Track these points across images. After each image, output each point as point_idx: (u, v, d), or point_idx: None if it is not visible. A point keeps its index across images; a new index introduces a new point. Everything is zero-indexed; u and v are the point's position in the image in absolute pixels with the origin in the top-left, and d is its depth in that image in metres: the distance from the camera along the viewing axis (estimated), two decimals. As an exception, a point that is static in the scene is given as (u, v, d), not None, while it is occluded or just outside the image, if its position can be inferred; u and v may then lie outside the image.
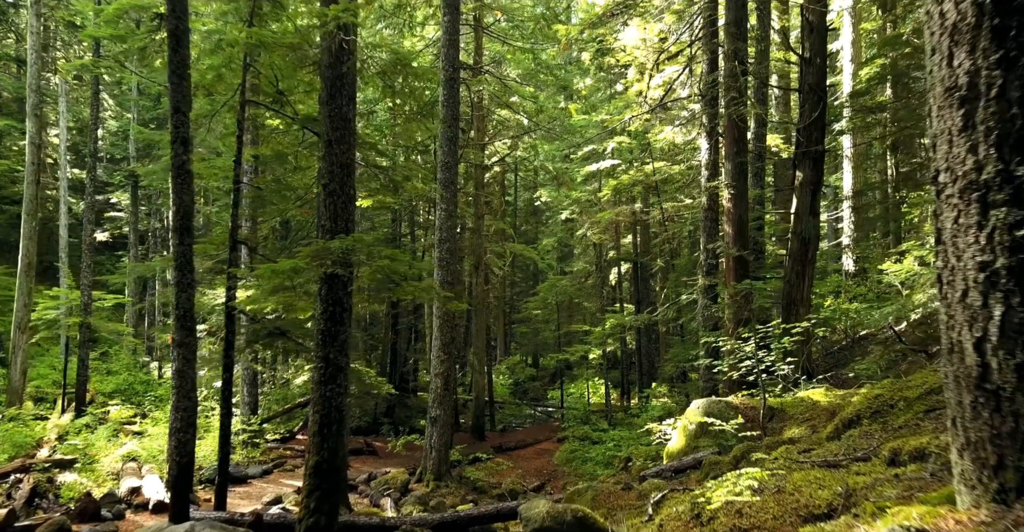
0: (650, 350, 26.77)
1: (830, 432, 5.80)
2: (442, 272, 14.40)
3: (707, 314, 12.79)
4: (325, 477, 6.60)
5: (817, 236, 12.30)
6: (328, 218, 6.91)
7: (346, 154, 7.07)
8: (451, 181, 14.51)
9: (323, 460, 6.62)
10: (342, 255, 6.47)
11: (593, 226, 24.85)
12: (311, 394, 6.83)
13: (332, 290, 6.82)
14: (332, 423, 6.72)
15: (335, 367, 6.83)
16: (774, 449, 6.63)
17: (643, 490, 7.20)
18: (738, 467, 6.80)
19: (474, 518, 8.15)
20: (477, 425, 21.39)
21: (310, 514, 6.47)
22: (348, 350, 6.95)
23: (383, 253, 6.66)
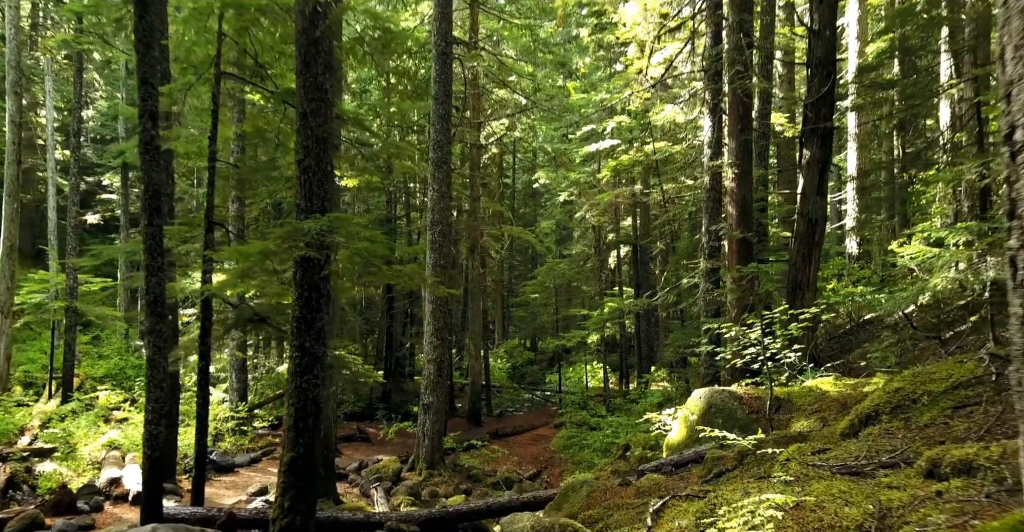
0: (649, 334, 26.36)
1: (845, 428, 5.34)
2: (435, 255, 13.92)
3: (709, 299, 12.32)
4: (301, 474, 6.16)
5: (824, 217, 11.79)
6: (303, 197, 6.40)
7: (322, 127, 6.55)
8: (443, 161, 13.97)
9: (298, 456, 6.17)
10: (317, 236, 5.98)
11: (592, 208, 24.31)
12: (286, 385, 6.37)
13: (308, 274, 6.34)
14: (308, 416, 6.27)
15: (311, 357, 6.36)
16: (783, 445, 6.19)
17: (641, 487, 6.76)
18: (743, 463, 6.36)
19: (463, 514, 7.74)
20: (473, 410, 21.02)
21: (284, 514, 6.04)
22: (326, 338, 6.49)
23: (362, 234, 6.17)
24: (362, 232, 6.24)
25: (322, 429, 6.41)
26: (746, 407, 7.90)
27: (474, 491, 13.53)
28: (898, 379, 5.39)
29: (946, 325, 10.08)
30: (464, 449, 16.21)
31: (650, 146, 20.25)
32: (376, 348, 28.55)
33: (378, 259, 6.19)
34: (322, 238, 6.01)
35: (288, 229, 5.90)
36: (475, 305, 21.82)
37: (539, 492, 7.89)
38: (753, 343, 8.21)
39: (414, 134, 26.52)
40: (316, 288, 6.41)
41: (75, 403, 16.85)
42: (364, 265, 6.37)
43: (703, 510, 3.70)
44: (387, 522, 7.64)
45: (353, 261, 6.29)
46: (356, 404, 23.53)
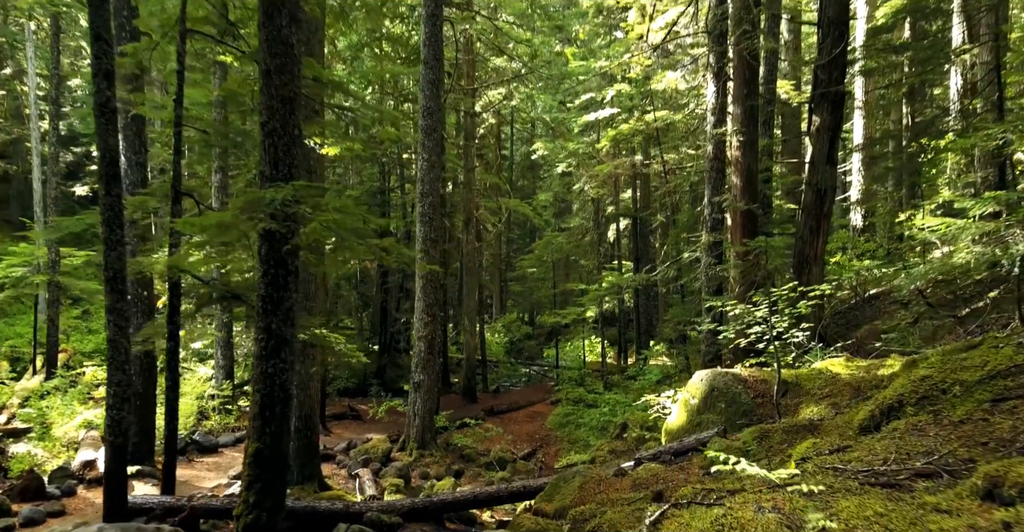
0: (648, 308, 25.87)
1: (863, 420, 4.81)
2: (425, 228, 13.34)
3: (711, 274, 11.75)
4: (268, 466, 5.66)
5: (834, 188, 11.18)
6: (268, 163, 5.79)
7: (288, 86, 5.91)
8: (433, 128, 13.31)
9: (265, 447, 5.65)
10: (280, 207, 5.39)
11: (591, 180, 23.64)
12: (252, 370, 5.84)
13: (273, 249, 5.76)
14: (275, 404, 5.74)
15: (278, 339, 5.81)
16: (793, 435, 5.68)
17: (638, 478, 6.27)
18: (748, 453, 5.86)
19: (448, 504, 7.27)
20: (468, 387, 20.61)
21: (250, 509, 5.55)
22: (294, 319, 5.93)
23: (332, 205, 5.58)
24: (332, 202, 5.64)
25: (292, 418, 5.90)
26: (751, 391, 7.39)
27: (466, 472, 13.13)
28: (924, 365, 4.85)
29: (962, 302, 9.55)
30: (457, 427, 15.80)
31: (651, 115, 19.52)
32: (372, 323, 28.12)
33: (349, 232, 5.61)
34: (286, 209, 5.42)
35: (247, 199, 5.31)
36: (470, 280, 21.28)
37: (529, 481, 7.41)
38: (758, 321, 7.69)
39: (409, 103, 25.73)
40: (283, 264, 5.84)
41: (58, 380, 16.40)
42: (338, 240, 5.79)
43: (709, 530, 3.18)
44: (368, 512, 7.17)
45: (325, 235, 5.70)
46: (349, 380, 23.15)
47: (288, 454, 5.89)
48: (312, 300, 10.39)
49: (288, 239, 5.43)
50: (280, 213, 5.41)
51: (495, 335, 31.92)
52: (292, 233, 5.37)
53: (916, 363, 6.35)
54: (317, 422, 10.59)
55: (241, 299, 8.10)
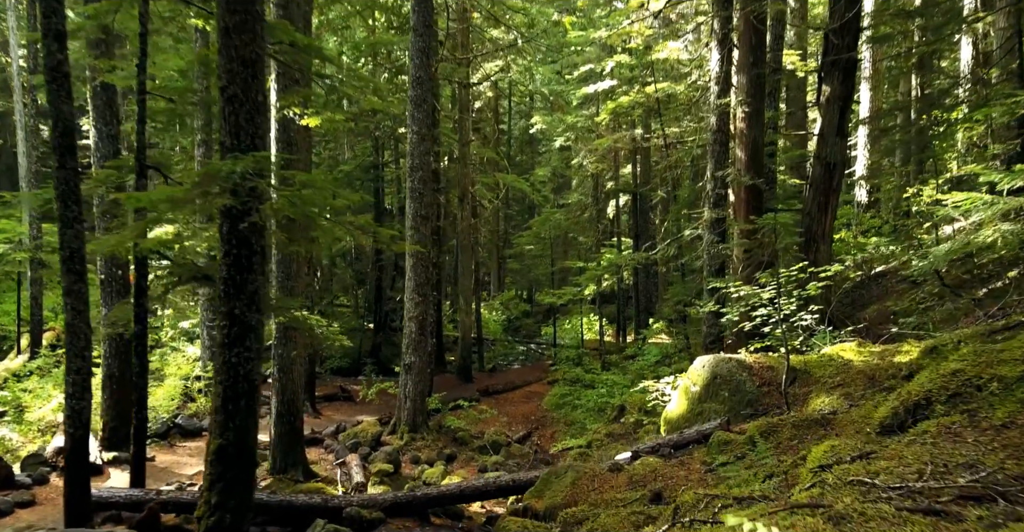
0: (648, 285, 25.39)
1: (886, 417, 4.32)
2: (415, 204, 12.78)
3: (713, 252, 11.23)
4: (231, 464, 5.19)
5: (843, 161, 10.63)
6: (229, 133, 5.24)
7: (249, 46, 5.33)
8: (423, 99, 12.68)
9: (228, 443, 5.18)
10: (239, 182, 4.86)
11: (590, 154, 23.00)
12: (214, 360, 5.36)
13: (235, 228, 5.23)
14: (240, 396, 5.26)
15: (243, 326, 5.31)
16: (805, 431, 5.20)
17: (635, 474, 5.82)
18: (755, 450, 5.39)
19: (433, 499, 6.84)
20: (464, 366, 20.19)
21: (212, 511, 5.09)
22: (262, 303, 5.42)
23: (298, 178, 5.04)
24: (297, 175, 5.10)
25: (257, 411, 5.41)
26: (756, 378, 6.91)
27: (459, 455, 12.74)
28: (954, 357, 4.35)
29: (980, 281, 9.04)
30: (451, 409, 15.38)
31: (651, 87, 18.83)
32: (368, 300, 27.66)
33: (316, 209, 5.08)
34: (246, 183, 4.88)
35: (203, 172, 4.77)
36: (465, 257, 20.75)
37: (519, 475, 6.97)
38: (764, 303, 7.19)
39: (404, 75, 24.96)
40: (246, 244, 5.31)
41: (41, 360, 15.98)
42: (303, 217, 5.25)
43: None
44: (347, 507, 6.74)
45: (292, 212, 5.17)
46: (342, 360, 22.74)
47: (255, 450, 5.42)
48: (294, 280, 9.88)
49: (247, 216, 4.90)
50: (237, 188, 4.87)
51: (493, 313, 31.48)
52: (250, 210, 4.84)
53: (937, 350, 5.86)
54: (301, 407, 10.16)
55: (211, 280, 7.58)
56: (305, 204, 5.00)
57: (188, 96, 7.36)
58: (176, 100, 7.46)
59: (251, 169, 4.91)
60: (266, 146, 5.39)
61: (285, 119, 9.58)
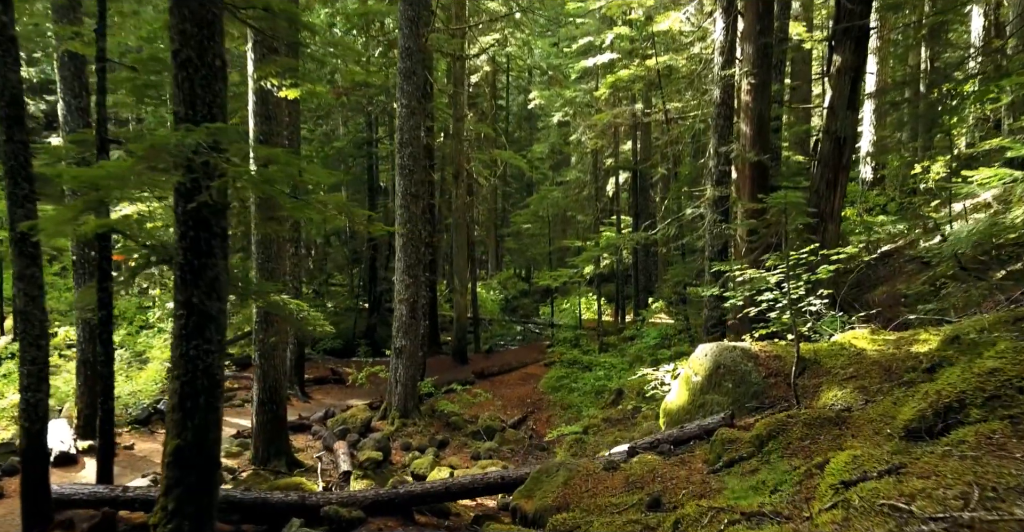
0: (648, 264, 24.93)
1: (911, 420, 3.86)
2: (405, 181, 12.24)
3: (715, 232, 10.73)
4: (190, 467, 4.75)
5: (854, 136, 10.10)
6: (182, 102, 4.71)
7: (206, 5, 4.79)
8: (413, 71, 12.08)
9: (186, 444, 4.74)
10: (191, 157, 4.34)
11: (589, 130, 22.37)
12: (171, 352, 4.89)
13: (193, 208, 4.73)
14: (199, 393, 4.80)
15: (202, 315, 4.83)
16: (817, 430, 4.75)
17: (632, 474, 5.39)
18: (762, 450, 4.95)
19: (417, 496, 6.42)
20: (459, 348, 19.79)
21: (169, 518, 4.66)
22: (224, 290, 4.94)
23: (259, 154, 4.53)
24: (259, 150, 4.59)
25: (219, 409, 4.95)
26: (762, 369, 6.46)
27: (452, 441, 12.36)
28: (991, 354, 3.88)
29: (998, 263, 8.55)
30: (445, 392, 15.00)
31: (652, 59, 18.16)
32: (363, 279, 27.19)
33: (278, 187, 4.57)
34: (199, 158, 4.37)
35: (150, 144, 4.26)
36: (460, 237, 20.23)
37: (508, 472, 6.55)
38: (770, 288, 6.71)
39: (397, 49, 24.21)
40: (205, 225, 4.81)
41: (23, 342, 15.53)
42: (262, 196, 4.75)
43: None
44: (325, 506, 6.33)
45: (262, 189, 4.65)
46: (335, 341, 22.33)
47: (217, 451, 4.98)
48: (275, 262, 9.39)
49: (195, 194, 4.39)
50: (190, 163, 4.36)
51: (490, 292, 31.04)
52: (198, 188, 4.34)
53: (959, 339, 5.40)
54: (284, 394, 9.73)
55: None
56: (266, 182, 4.49)
57: (151, 65, 6.79)
58: (139, 69, 6.90)
59: (205, 142, 4.39)
60: (225, 116, 4.86)
61: (263, 91, 9.03)
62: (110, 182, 4.28)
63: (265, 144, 9.18)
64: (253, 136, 9.25)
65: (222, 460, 9.64)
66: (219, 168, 4.23)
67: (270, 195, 4.49)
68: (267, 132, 9.20)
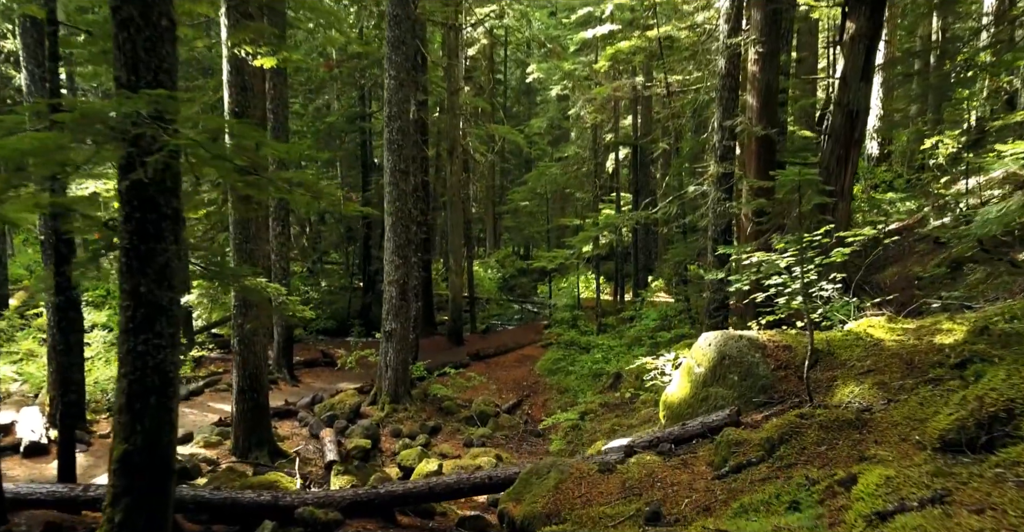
0: (647, 242, 24.42)
1: (948, 429, 3.39)
2: (393, 157, 11.68)
3: (719, 210, 10.19)
4: (140, 474, 4.29)
5: (867, 109, 9.52)
6: (123, 65, 4.16)
7: (148, -44, 4.22)
8: (401, 40, 11.44)
9: (135, 449, 4.27)
10: (129, 128, 3.81)
11: (588, 104, 21.66)
12: (117, 347, 4.41)
13: (139, 185, 4.21)
14: (150, 392, 4.33)
15: (151, 306, 4.34)
16: (835, 434, 4.28)
17: (630, 477, 4.94)
18: (772, 455, 4.49)
19: (398, 497, 5.98)
20: (454, 329, 19.36)
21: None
22: (174, 278, 4.44)
23: (209, 125, 4.00)
24: (209, 121, 4.06)
25: (174, 409, 4.48)
26: (770, 360, 5.98)
27: (444, 427, 11.97)
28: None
29: (1020, 243, 8.03)
30: (439, 375, 14.58)
31: (653, 30, 17.46)
32: (360, 257, 26.67)
33: (229, 163, 4.03)
34: (136, 129, 3.84)
35: (80, 112, 3.73)
36: (455, 215, 19.68)
37: (496, 471, 6.10)
38: (779, 271, 6.20)
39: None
40: (152, 206, 4.30)
41: (4, 322, 15.09)
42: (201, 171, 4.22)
43: None
44: (300, 506, 5.90)
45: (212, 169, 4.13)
46: (328, 321, 21.91)
47: (171, 457, 4.52)
48: (253, 243, 8.88)
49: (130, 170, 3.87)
50: (127, 135, 3.83)
51: (488, 271, 30.55)
52: (133, 164, 3.81)
53: (988, 330, 4.91)
54: (265, 382, 9.28)
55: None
56: (217, 157, 3.96)
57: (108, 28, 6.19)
58: (94, 33, 6.32)
59: (147, 111, 3.85)
60: (174, 83, 4.32)
61: (237, 59, 8.44)
62: (31, 155, 3.75)
63: (241, 117, 8.63)
64: (228, 108, 8.69)
65: (200, 450, 9.27)
66: (159, 141, 3.69)
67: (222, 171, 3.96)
68: (243, 104, 8.63)
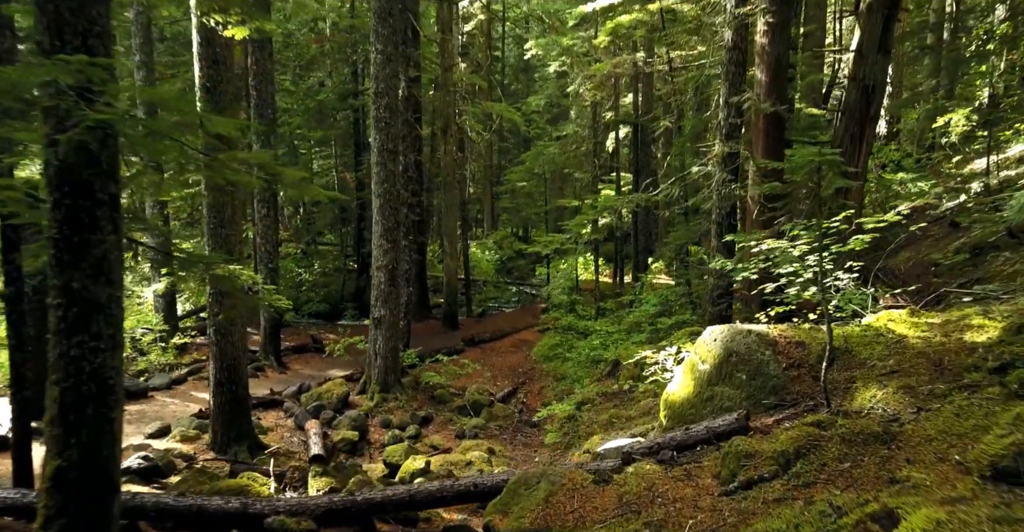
0: (648, 223, 23.87)
1: (1000, 455, 2.90)
2: (381, 136, 11.10)
3: (724, 192, 9.64)
4: (75, 493, 3.81)
5: (884, 83, 8.94)
6: (45, 29, 3.60)
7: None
8: (389, 12, 10.81)
9: (70, 464, 3.79)
10: (45, 100, 3.27)
11: (587, 81, 20.95)
12: (49, 350, 3.90)
13: (69, 168, 3.68)
14: (86, 401, 3.83)
15: (86, 304, 3.83)
16: (861, 452, 3.79)
17: (627, 491, 4.46)
18: (788, 471, 4.00)
19: (376, 505, 5.52)
20: (449, 313, 18.87)
21: (49, 557, 3.75)
22: (113, 272, 3.92)
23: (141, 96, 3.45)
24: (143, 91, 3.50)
25: (116, 419, 3.98)
26: (781, 357, 5.48)
27: (436, 417, 11.54)
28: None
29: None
30: (431, 362, 14.12)
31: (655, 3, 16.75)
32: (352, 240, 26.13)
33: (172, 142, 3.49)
34: (55, 100, 3.29)
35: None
36: (450, 196, 19.10)
37: (482, 478, 5.62)
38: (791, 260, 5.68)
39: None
40: (86, 191, 3.77)
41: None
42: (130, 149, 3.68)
43: None
44: (271, 515, 5.44)
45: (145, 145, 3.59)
46: (321, 303, 21.42)
47: (113, 472, 4.03)
48: (229, 227, 8.33)
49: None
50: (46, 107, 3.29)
51: (485, 252, 29.99)
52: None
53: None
54: (245, 373, 8.80)
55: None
56: (151, 135, 3.41)
57: None
58: None
59: (69, 82, 3.30)
60: (109, 50, 3.76)
61: (207, 30, 7.84)
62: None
63: (212, 93, 8.05)
64: (199, 84, 8.10)
65: (177, 445, 8.80)
66: (75, 115, 3.15)
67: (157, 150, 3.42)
68: (215, 79, 8.05)
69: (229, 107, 8.41)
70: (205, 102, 8.08)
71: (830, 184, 4.74)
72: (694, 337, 10.51)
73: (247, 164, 4.08)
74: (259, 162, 4.10)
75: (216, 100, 8.10)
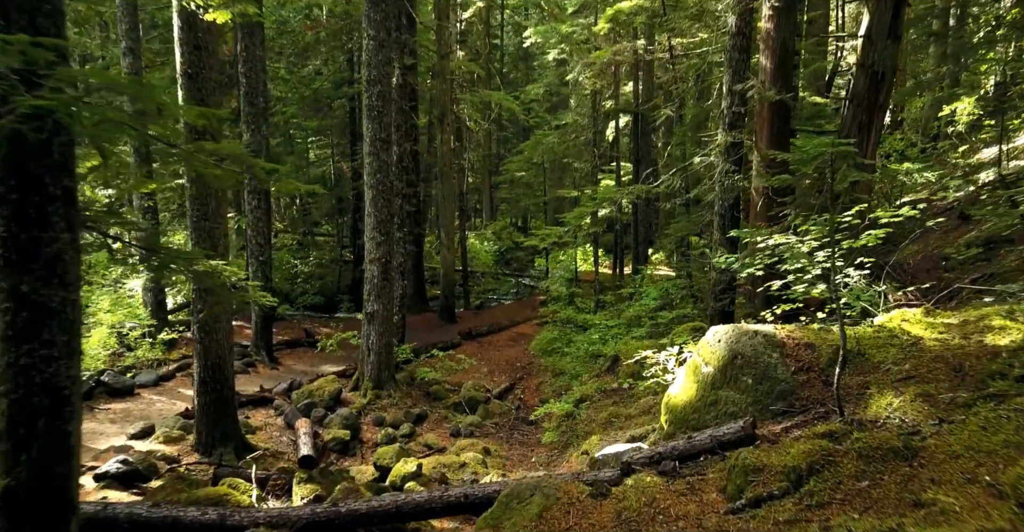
0: (648, 214, 23.52)
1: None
2: (373, 125, 10.75)
3: (727, 183, 9.32)
4: (26, 515, 3.51)
5: (893, 70, 8.57)
6: (-11, 7, 3.30)
7: None
8: (381, -5, 10.44)
9: (20, 484, 3.49)
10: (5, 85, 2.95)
11: (587, 69, 20.55)
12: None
13: (16, 159, 3.37)
14: (37, 414, 3.54)
15: (37, 309, 3.52)
16: (880, 469, 3.49)
17: (626, 507, 4.16)
18: (799, 489, 3.70)
19: (361, 516, 5.23)
20: (446, 306, 18.57)
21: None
22: (69, 274, 3.61)
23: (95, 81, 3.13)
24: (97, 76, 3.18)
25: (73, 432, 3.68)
26: (790, 360, 5.17)
27: (430, 415, 11.26)
28: None
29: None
30: (428, 356, 13.83)
31: (657, -12, 16.32)
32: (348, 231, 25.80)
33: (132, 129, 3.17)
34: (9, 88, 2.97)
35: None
36: (447, 186, 18.75)
37: (472, 489, 5.33)
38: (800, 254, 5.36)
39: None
40: (36, 185, 3.46)
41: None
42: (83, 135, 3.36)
43: None
44: (249, 527, 5.16)
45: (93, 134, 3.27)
46: (316, 296, 21.13)
47: (70, 491, 3.73)
48: (213, 220, 8.02)
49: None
50: None
51: (483, 243, 29.66)
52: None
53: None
54: (230, 372, 8.51)
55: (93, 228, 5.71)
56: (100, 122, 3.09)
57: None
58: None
59: (11, 65, 2.97)
60: (62, 31, 3.43)
61: (188, 14, 7.50)
62: None
63: (194, 79, 7.71)
64: (180, 70, 7.77)
65: (160, 446, 8.50)
66: (11, 101, 2.83)
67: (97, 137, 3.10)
68: (196, 65, 7.71)
69: (213, 95, 8.07)
70: (187, 89, 7.75)
71: (844, 177, 4.41)
72: (695, 334, 10.22)
73: (216, 156, 3.75)
74: (229, 153, 3.78)
75: (198, 88, 7.77)
